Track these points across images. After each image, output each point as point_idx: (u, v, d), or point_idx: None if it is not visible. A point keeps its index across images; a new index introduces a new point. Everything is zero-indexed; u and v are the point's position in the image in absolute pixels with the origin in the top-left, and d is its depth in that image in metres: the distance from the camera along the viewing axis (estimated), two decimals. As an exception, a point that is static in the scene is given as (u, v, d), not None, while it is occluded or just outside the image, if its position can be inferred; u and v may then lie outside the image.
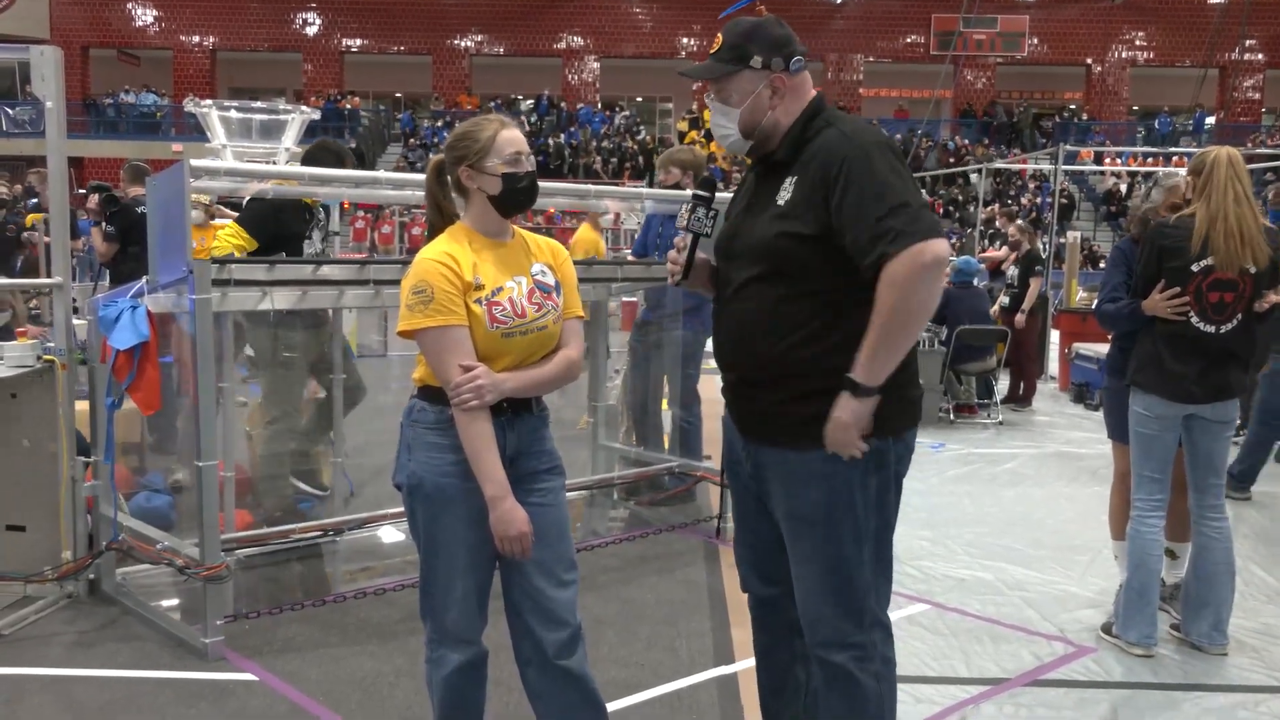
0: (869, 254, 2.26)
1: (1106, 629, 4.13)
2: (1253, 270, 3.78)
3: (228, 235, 5.07)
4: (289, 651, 3.90)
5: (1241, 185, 3.73)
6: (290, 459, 5.32)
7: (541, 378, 2.63)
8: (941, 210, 26.38)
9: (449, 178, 2.69)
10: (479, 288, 2.54)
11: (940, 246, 2.24)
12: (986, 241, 16.78)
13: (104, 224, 6.75)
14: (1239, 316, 3.83)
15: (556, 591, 2.62)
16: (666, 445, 6.12)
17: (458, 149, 2.64)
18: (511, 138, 2.62)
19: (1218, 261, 3.74)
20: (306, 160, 5.30)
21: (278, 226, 5.12)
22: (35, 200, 11.54)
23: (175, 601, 4.34)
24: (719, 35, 2.51)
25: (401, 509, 4.80)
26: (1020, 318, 9.68)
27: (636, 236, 6.64)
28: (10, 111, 29.10)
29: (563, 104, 32.58)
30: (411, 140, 30.27)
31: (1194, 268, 3.77)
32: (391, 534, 5.19)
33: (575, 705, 2.66)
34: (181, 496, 5.08)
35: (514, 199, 2.63)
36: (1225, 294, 3.79)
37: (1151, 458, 3.93)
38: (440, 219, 2.71)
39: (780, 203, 2.40)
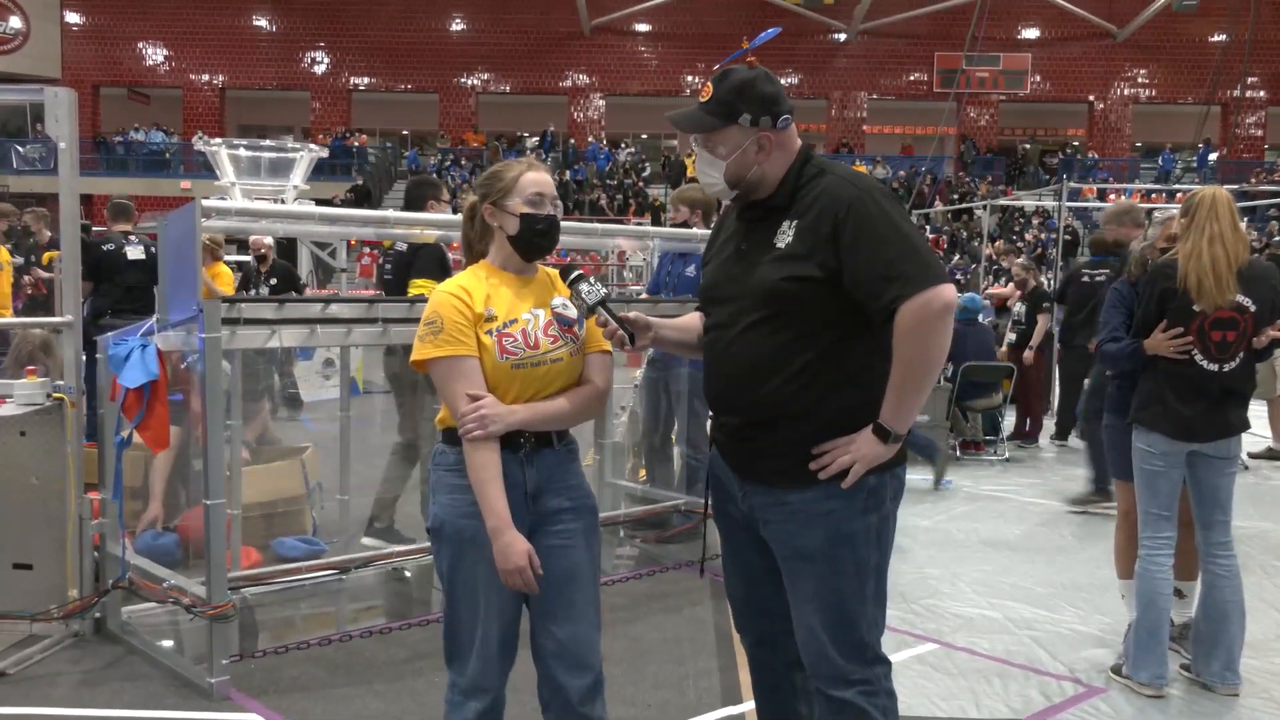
0: (880, 297, 2.29)
1: (1117, 670, 4.09)
2: (1251, 307, 3.80)
3: (421, 286, 5.43)
4: (295, 691, 3.88)
5: (1219, 224, 3.74)
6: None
7: (557, 411, 2.56)
8: (946, 245, 26.44)
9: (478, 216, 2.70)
10: (490, 319, 2.52)
11: (949, 292, 2.29)
12: (991, 278, 16.81)
13: None
14: (1241, 355, 3.85)
15: (580, 636, 2.57)
16: (675, 482, 6.11)
17: (484, 186, 2.65)
18: (536, 179, 2.62)
19: (1200, 301, 3.76)
20: (411, 191, 5.82)
21: (445, 260, 5.62)
22: (34, 239, 11.71)
23: (181, 640, 4.33)
24: (708, 84, 2.49)
25: (407, 547, 4.76)
26: (1029, 354, 9.67)
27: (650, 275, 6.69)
28: (21, 149, 29.35)
29: (571, 141, 32.77)
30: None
31: (1195, 307, 3.79)
32: (398, 573, 5.17)
33: None
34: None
35: (531, 240, 2.60)
36: (1228, 333, 3.80)
37: (1158, 495, 3.92)
38: (473, 261, 2.71)
39: (781, 246, 2.41)
